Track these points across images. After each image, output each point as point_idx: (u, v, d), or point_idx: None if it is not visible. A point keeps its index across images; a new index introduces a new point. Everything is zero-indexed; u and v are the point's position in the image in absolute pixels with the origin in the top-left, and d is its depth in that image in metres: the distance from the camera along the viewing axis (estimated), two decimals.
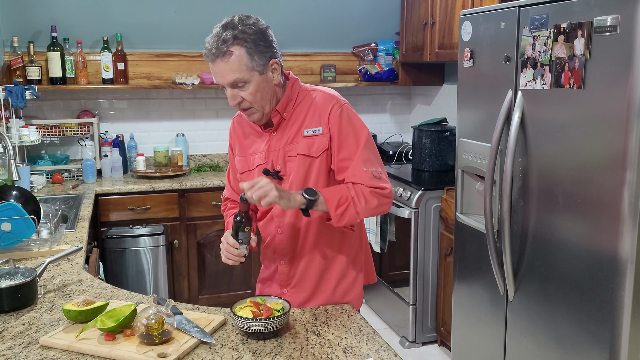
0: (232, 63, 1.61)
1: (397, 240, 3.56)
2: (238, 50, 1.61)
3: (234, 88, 1.65)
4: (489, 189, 2.42)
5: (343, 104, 1.75)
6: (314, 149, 1.72)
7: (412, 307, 3.44)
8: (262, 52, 1.64)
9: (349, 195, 1.65)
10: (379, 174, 1.71)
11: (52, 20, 3.81)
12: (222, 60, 1.62)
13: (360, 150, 1.70)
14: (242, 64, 1.62)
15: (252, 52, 1.62)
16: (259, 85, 1.66)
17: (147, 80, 4.05)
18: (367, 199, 1.67)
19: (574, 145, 2.05)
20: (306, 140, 1.73)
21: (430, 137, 3.76)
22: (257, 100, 1.68)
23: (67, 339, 1.45)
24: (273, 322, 1.46)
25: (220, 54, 1.61)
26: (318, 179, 1.74)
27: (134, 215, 3.61)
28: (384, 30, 4.47)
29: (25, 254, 2.13)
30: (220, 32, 1.62)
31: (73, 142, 3.99)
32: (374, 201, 1.68)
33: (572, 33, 1.98)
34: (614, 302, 1.93)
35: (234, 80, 1.63)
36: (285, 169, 1.76)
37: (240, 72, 1.62)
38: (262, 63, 1.65)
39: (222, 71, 1.63)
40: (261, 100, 1.68)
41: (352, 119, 1.74)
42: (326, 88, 1.81)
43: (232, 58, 1.61)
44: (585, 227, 2.02)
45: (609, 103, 1.88)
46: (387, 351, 1.44)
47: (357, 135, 1.72)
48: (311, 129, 1.73)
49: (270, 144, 1.78)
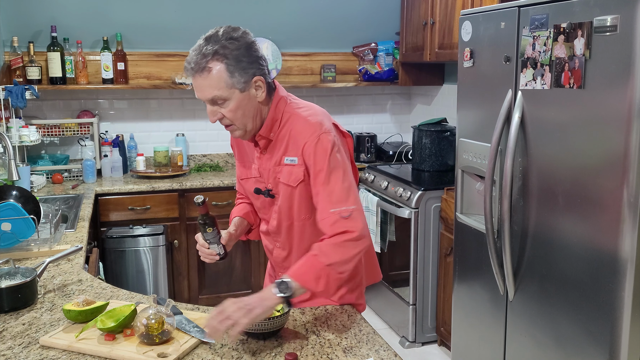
0: (211, 79, 1.53)
1: (397, 240, 3.56)
2: (217, 66, 1.53)
3: (213, 105, 1.58)
4: (489, 189, 2.42)
5: (321, 134, 1.61)
6: (292, 179, 1.66)
7: (412, 307, 3.44)
8: (243, 69, 1.55)
9: (321, 264, 1.50)
10: (348, 213, 1.55)
11: (52, 20, 3.81)
12: (200, 76, 1.54)
13: (331, 187, 1.58)
14: (221, 81, 1.54)
15: (233, 68, 1.54)
16: (239, 102, 1.58)
17: (147, 80, 4.05)
18: (340, 252, 1.52)
19: (574, 145, 2.05)
20: (286, 168, 1.66)
21: (430, 137, 3.76)
22: (238, 117, 1.60)
23: (67, 339, 1.45)
24: (273, 322, 1.46)
25: (199, 69, 1.53)
26: (301, 207, 1.69)
27: (134, 215, 3.61)
28: (384, 30, 4.47)
29: (25, 254, 2.13)
30: (202, 45, 1.54)
31: (73, 142, 3.99)
32: (348, 251, 1.53)
33: (572, 33, 1.98)
34: (614, 302, 1.93)
35: (212, 97, 1.56)
36: (277, 189, 1.71)
37: (219, 89, 1.54)
38: (243, 80, 1.56)
39: (200, 87, 1.56)
40: (242, 118, 1.61)
41: (328, 151, 1.60)
42: (312, 112, 1.68)
43: (210, 74, 1.53)
44: (585, 227, 2.02)
45: (609, 103, 1.88)
46: (387, 351, 1.44)
47: (330, 169, 1.59)
48: (289, 158, 1.65)
49: (260, 162, 1.74)
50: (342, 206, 1.56)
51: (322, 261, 1.50)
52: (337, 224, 1.55)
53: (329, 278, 1.50)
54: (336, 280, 1.53)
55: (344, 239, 1.53)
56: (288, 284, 1.46)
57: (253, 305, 1.41)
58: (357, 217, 1.57)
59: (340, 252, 1.53)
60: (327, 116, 1.72)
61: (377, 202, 3.59)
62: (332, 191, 1.58)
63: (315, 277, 1.49)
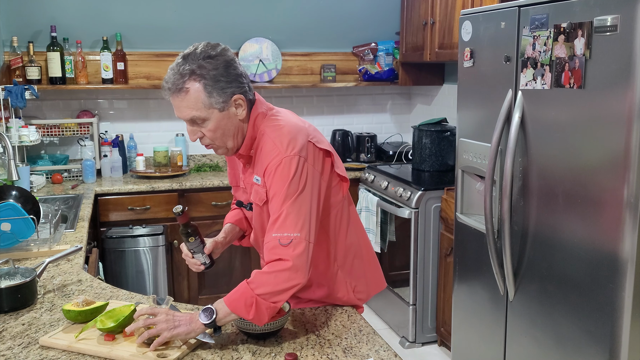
0: (188, 100, 1.50)
1: (397, 240, 3.56)
2: (195, 86, 1.49)
3: (192, 125, 1.55)
4: (489, 189, 2.41)
5: (285, 157, 1.52)
6: (258, 198, 1.64)
7: (412, 307, 3.44)
8: (222, 89, 1.51)
9: (252, 292, 1.44)
10: (288, 241, 1.47)
11: (52, 20, 3.81)
12: (177, 97, 1.51)
13: (281, 213, 1.50)
14: (198, 102, 1.50)
15: (211, 88, 1.50)
16: (218, 122, 1.54)
17: (147, 80, 4.05)
18: (271, 283, 1.45)
19: (574, 145, 2.04)
20: (255, 187, 1.65)
21: (430, 137, 3.76)
22: (218, 137, 1.57)
23: (66, 339, 1.45)
24: (273, 322, 1.46)
25: (176, 90, 1.50)
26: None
27: (134, 215, 3.60)
28: (384, 30, 4.47)
29: (24, 254, 2.13)
30: (180, 65, 1.51)
31: (73, 142, 3.99)
32: (279, 283, 1.45)
33: (572, 33, 1.98)
34: (614, 302, 1.93)
35: (190, 118, 1.53)
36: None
37: (197, 109, 1.51)
38: (222, 100, 1.52)
39: (178, 107, 1.53)
40: (222, 137, 1.58)
41: (289, 176, 1.51)
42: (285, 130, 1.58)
43: (188, 95, 1.50)
44: (585, 227, 2.02)
45: (609, 103, 1.88)
46: (387, 351, 1.44)
47: (286, 195, 1.50)
48: (256, 177, 1.63)
49: (245, 176, 1.73)
50: (284, 232, 1.48)
51: (253, 289, 1.44)
52: (274, 250, 1.48)
53: (260, 307, 1.43)
54: (268, 309, 1.44)
55: (277, 268, 1.46)
56: (214, 310, 1.43)
57: (180, 322, 1.43)
58: (296, 245, 1.46)
59: (273, 283, 1.45)
60: (304, 132, 1.60)
61: (377, 202, 3.59)
62: (281, 216, 1.50)
63: (246, 305, 1.43)
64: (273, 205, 1.52)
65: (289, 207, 1.49)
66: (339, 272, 1.74)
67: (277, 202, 1.51)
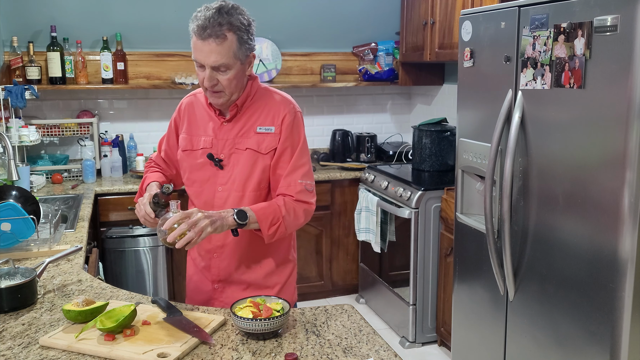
0: (223, 47, 1.65)
1: (397, 240, 3.56)
2: (231, 37, 1.65)
3: (214, 70, 1.68)
4: (489, 189, 2.41)
5: (297, 111, 1.83)
6: (263, 146, 1.78)
7: (412, 307, 3.44)
8: (247, 43, 1.70)
9: (281, 214, 1.74)
10: (312, 188, 1.82)
11: (52, 20, 3.81)
12: (214, 41, 1.64)
13: (302, 161, 1.80)
14: (230, 51, 1.66)
15: (242, 41, 1.68)
16: (237, 73, 1.71)
17: (147, 80, 4.05)
18: (297, 215, 1.78)
19: (574, 145, 2.04)
20: (257, 136, 1.79)
21: (430, 137, 3.76)
22: (232, 86, 1.72)
23: (66, 339, 1.45)
24: (273, 322, 1.46)
25: (215, 34, 1.63)
26: (262, 175, 1.80)
27: (134, 215, 3.56)
28: (384, 30, 4.47)
29: (24, 254, 2.13)
30: (216, 15, 1.64)
31: (73, 142, 3.99)
32: (301, 218, 1.80)
33: (572, 33, 1.98)
34: (614, 302, 1.93)
35: (219, 64, 1.67)
36: (229, 160, 1.81)
37: (228, 57, 1.66)
38: (245, 54, 1.71)
39: (210, 51, 1.65)
40: (234, 88, 1.74)
41: (300, 129, 1.83)
42: (284, 92, 1.88)
43: (224, 42, 1.64)
44: (585, 227, 2.02)
45: (609, 103, 1.88)
46: (387, 351, 1.44)
47: (302, 145, 1.82)
48: (264, 127, 1.79)
49: (218, 132, 1.83)
50: (307, 180, 1.81)
51: (282, 212, 1.73)
52: (302, 193, 1.78)
53: (279, 229, 1.73)
54: (281, 233, 1.75)
55: (305, 208, 1.79)
56: (247, 214, 1.67)
57: (216, 218, 1.61)
58: (315, 194, 1.84)
59: (298, 215, 1.78)
60: None
61: (377, 202, 3.59)
62: (302, 165, 1.80)
63: (272, 222, 1.72)
64: (292, 153, 1.78)
65: (307, 158, 1.81)
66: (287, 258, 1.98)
67: (297, 150, 1.79)
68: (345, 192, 4.02)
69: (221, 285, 1.90)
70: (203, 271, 1.93)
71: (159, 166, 2.01)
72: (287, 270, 1.94)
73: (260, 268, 1.88)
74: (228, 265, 1.87)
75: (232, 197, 1.81)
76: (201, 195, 1.86)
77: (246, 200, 1.80)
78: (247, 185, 1.80)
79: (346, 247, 4.13)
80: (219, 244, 1.86)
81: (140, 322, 1.52)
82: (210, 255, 1.88)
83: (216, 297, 1.91)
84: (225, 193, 1.82)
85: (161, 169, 2.01)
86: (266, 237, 1.73)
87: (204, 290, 1.93)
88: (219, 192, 1.82)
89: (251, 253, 1.86)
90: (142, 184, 1.94)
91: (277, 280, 1.91)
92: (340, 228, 4.07)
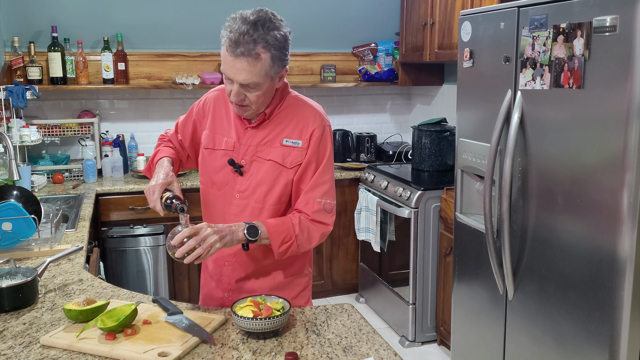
0: (255, 66, 1.55)
1: (397, 239, 3.57)
2: (264, 56, 1.56)
3: (242, 88, 1.60)
4: (488, 188, 2.42)
5: (326, 125, 1.75)
6: (288, 160, 1.70)
7: (412, 306, 3.44)
8: (281, 61, 1.61)
9: (294, 233, 1.67)
10: (331, 208, 1.74)
11: (53, 21, 3.82)
12: (246, 60, 1.54)
13: (324, 178, 1.72)
14: (262, 70, 1.57)
15: (275, 60, 1.58)
16: (267, 90, 1.63)
17: (148, 81, 4.05)
18: (310, 236, 1.70)
19: (574, 145, 2.05)
20: (283, 149, 1.71)
21: (430, 137, 3.77)
22: (259, 102, 1.65)
23: (67, 339, 1.46)
24: (273, 321, 1.47)
25: (247, 53, 1.53)
26: (284, 189, 1.72)
27: (135, 215, 3.61)
28: (384, 30, 4.48)
29: (26, 253, 2.14)
30: (251, 30, 1.53)
31: (74, 142, 3.99)
32: (315, 239, 1.72)
33: (572, 33, 1.99)
34: (614, 302, 1.93)
35: (248, 83, 1.58)
36: (250, 167, 1.73)
37: (259, 77, 1.57)
38: (277, 71, 1.62)
39: (240, 69, 1.56)
40: (263, 103, 1.67)
41: (328, 143, 1.74)
42: (314, 103, 1.79)
43: (257, 61, 1.55)
44: (584, 227, 2.03)
45: (609, 103, 1.89)
46: (386, 350, 1.45)
47: (327, 162, 1.73)
48: (291, 140, 1.71)
49: (242, 136, 1.75)
50: (327, 199, 1.73)
51: (296, 231, 1.67)
52: (318, 213, 1.71)
53: (290, 248, 1.67)
54: (292, 252, 1.68)
55: (320, 229, 1.72)
56: (258, 230, 1.62)
57: (226, 233, 1.57)
58: (334, 213, 1.76)
59: (312, 236, 1.70)
60: None
61: (377, 202, 3.60)
62: (324, 183, 1.72)
63: (284, 240, 1.65)
64: (317, 169, 1.71)
65: (330, 175, 1.74)
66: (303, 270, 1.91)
67: (321, 167, 1.71)
68: (345, 192, 4.03)
69: (232, 294, 1.84)
70: (215, 279, 1.88)
71: (173, 144, 1.93)
72: (301, 284, 1.87)
73: (270, 280, 1.82)
74: (238, 274, 1.82)
75: (250, 207, 1.74)
76: (218, 200, 1.80)
77: (266, 213, 1.73)
78: (268, 198, 1.73)
79: (346, 247, 4.13)
80: (231, 252, 1.79)
81: (141, 321, 1.53)
82: (222, 263, 1.83)
83: (227, 305, 1.84)
84: (243, 201, 1.75)
85: (174, 148, 1.93)
86: (277, 255, 1.67)
87: (216, 297, 1.88)
88: (236, 198, 1.76)
89: (263, 264, 1.80)
90: (153, 156, 1.87)
91: (287, 294, 1.82)
92: (340, 228, 4.08)
